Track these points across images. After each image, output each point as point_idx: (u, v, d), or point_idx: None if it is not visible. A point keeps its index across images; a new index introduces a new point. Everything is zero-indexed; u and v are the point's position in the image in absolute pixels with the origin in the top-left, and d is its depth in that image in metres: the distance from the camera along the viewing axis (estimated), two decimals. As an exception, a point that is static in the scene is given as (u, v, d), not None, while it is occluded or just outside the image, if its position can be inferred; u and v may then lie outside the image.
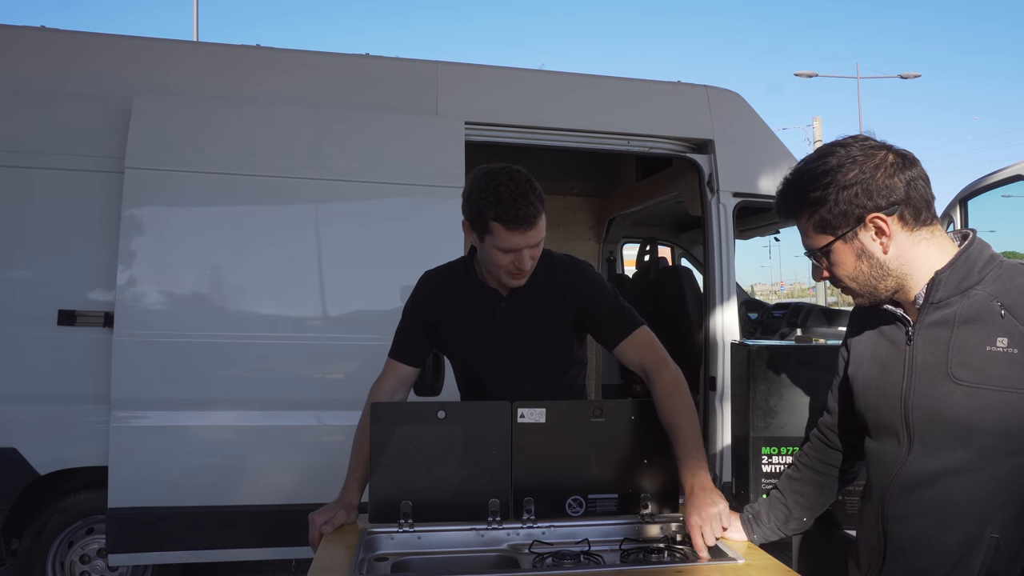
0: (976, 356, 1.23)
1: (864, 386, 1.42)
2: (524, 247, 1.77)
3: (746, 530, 1.67)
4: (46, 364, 2.94)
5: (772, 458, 2.00)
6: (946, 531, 1.26)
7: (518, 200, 1.72)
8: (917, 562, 1.30)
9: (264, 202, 3.12)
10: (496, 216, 1.73)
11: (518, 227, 1.73)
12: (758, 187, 3.77)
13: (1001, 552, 1.22)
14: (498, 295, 1.93)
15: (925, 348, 1.29)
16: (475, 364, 2.01)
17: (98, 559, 3.16)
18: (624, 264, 6.17)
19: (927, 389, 1.28)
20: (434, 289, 2.00)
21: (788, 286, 49.66)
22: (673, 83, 3.89)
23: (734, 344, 2.03)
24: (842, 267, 1.33)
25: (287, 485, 3.04)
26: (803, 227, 1.35)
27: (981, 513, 1.23)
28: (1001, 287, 1.24)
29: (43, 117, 3.00)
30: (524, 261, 1.79)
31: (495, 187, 1.73)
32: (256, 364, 3.05)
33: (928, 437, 1.28)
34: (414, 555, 1.67)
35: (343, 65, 3.46)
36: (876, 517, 1.36)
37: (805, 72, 22.62)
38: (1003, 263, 1.28)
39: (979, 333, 1.23)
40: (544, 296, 1.93)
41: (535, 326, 1.93)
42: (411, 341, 2.01)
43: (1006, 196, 3.94)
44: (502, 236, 1.75)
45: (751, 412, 2.00)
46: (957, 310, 1.26)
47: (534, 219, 1.75)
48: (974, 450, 1.23)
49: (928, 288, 1.29)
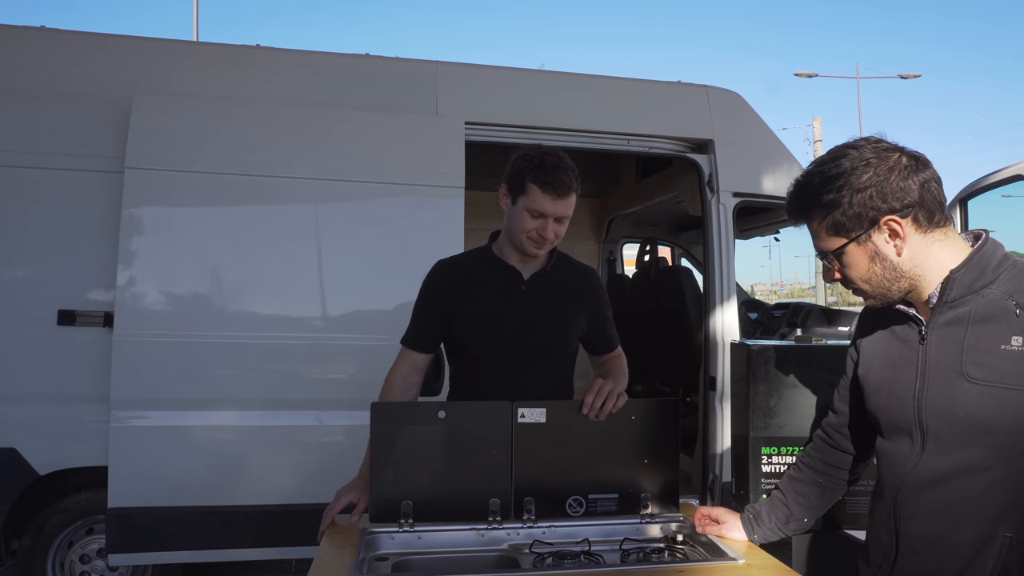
0: (991, 355, 1.22)
1: (876, 386, 1.42)
2: (552, 215, 1.92)
3: (747, 530, 1.68)
4: (46, 364, 2.94)
5: (772, 458, 2.00)
6: (959, 530, 1.26)
7: (557, 168, 1.90)
8: (929, 561, 1.30)
9: (264, 202, 3.12)
10: (535, 178, 1.89)
11: (552, 190, 1.89)
12: (758, 187, 3.77)
13: (1014, 551, 1.22)
14: (520, 277, 2.03)
15: (939, 347, 1.29)
16: (488, 346, 2.03)
17: (98, 559, 3.16)
18: (624, 264, 6.16)
19: (941, 388, 1.27)
20: (448, 275, 2.08)
21: (788, 286, 49.72)
22: (673, 83, 3.89)
23: (734, 344, 2.03)
24: (855, 269, 1.32)
25: (287, 485, 3.04)
26: (815, 230, 1.35)
27: (995, 512, 1.23)
28: (1016, 286, 1.24)
29: (43, 117, 3.00)
30: (548, 230, 1.93)
31: (540, 155, 1.93)
32: (256, 364, 3.05)
33: (942, 436, 1.28)
34: (414, 555, 1.67)
35: (343, 65, 3.46)
36: (888, 516, 1.36)
37: (805, 72, 22.62)
38: (1017, 263, 1.28)
39: (994, 332, 1.23)
40: (566, 284, 2.09)
41: (553, 308, 2.04)
42: (425, 328, 2.08)
43: (1006, 196, 3.94)
44: (535, 197, 1.90)
45: (751, 412, 2.00)
46: (971, 309, 1.26)
47: (568, 189, 1.91)
48: (988, 449, 1.23)
49: (942, 287, 1.28)
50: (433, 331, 2.07)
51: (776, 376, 2.01)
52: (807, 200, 1.34)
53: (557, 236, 1.97)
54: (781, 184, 3.83)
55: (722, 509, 1.76)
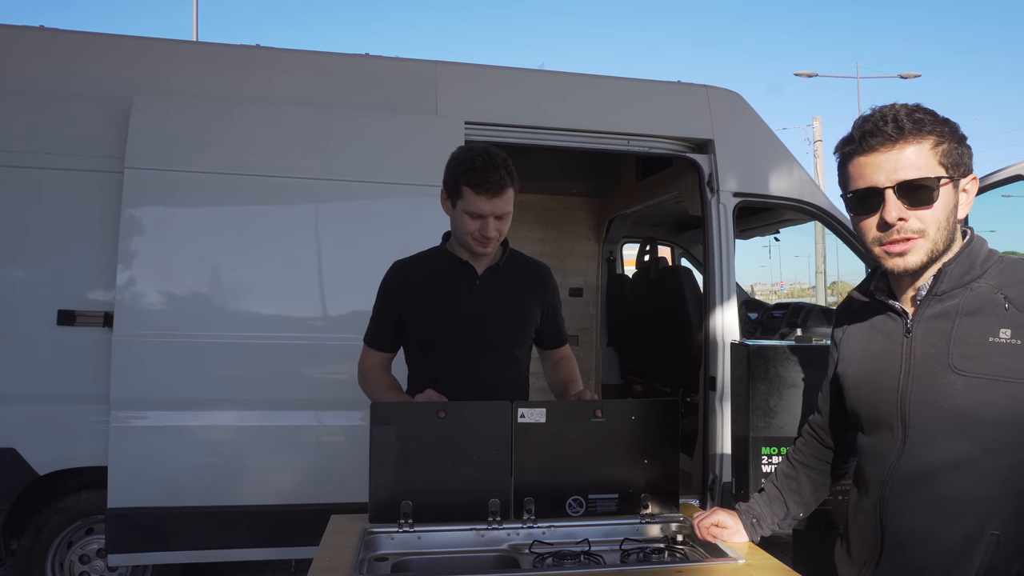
0: (978, 347, 1.22)
1: (856, 381, 1.40)
2: (490, 214, 1.95)
3: (750, 534, 1.66)
4: (46, 364, 2.94)
5: (772, 458, 2.00)
6: (946, 527, 1.25)
7: (488, 169, 1.92)
8: (916, 558, 1.29)
9: (264, 202, 3.12)
10: (467, 181, 1.93)
11: (485, 191, 1.92)
12: (758, 187, 3.77)
13: (1001, 549, 1.21)
14: (474, 272, 2.07)
15: (925, 340, 1.28)
16: (444, 340, 2.07)
17: (98, 559, 3.16)
18: (624, 264, 6.16)
19: (927, 381, 1.27)
20: (402, 274, 2.14)
21: (788, 286, 49.72)
22: (673, 83, 3.89)
23: (734, 344, 2.04)
24: (939, 211, 1.23)
25: (287, 485, 3.04)
26: (918, 154, 1.22)
27: (982, 509, 1.22)
28: (1004, 280, 1.24)
29: (43, 117, 3.00)
30: (489, 229, 1.97)
31: (470, 157, 1.95)
32: (256, 364, 3.05)
33: (927, 429, 1.27)
34: (414, 555, 1.67)
35: (343, 65, 3.45)
36: (874, 511, 1.35)
37: (805, 72, 22.60)
38: (1003, 258, 1.28)
39: (982, 324, 1.22)
40: (519, 278, 2.14)
41: (508, 301, 2.09)
42: (382, 328, 2.16)
43: (1006, 196, 3.94)
44: (471, 200, 1.93)
45: (751, 412, 2.01)
46: (960, 302, 1.25)
47: (501, 188, 1.94)
48: (974, 442, 1.22)
49: (934, 279, 1.28)
50: (390, 330, 2.14)
51: (776, 376, 2.01)
52: (930, 121, 1.22)
53: (500, 233, 2.01)
54: (781, 184, 3.83)
55: (721, 514, 1.72)
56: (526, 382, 2.20)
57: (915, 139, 1.22)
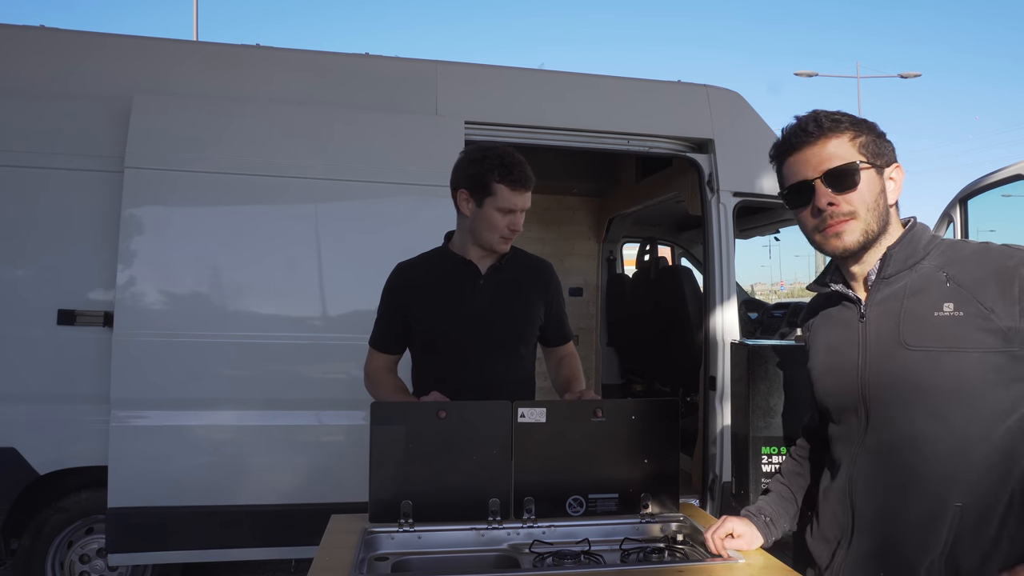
0: (925, 322, 1.29)
1: (821, 373, 1.47)
2: (521, 208, 2.01)
3: (766, 536, 1.63)
4: (46, 364, 2.94)
5: (772, 458, 2.00)
6: (911, 502, 1.29)
7: (519, 165, 1.99)
8: (886, 534, 1.33)
9: (264, 202, 3.12)
10: (502, 177, 1.97)
11: (521, 187, 1.98)
12: (758, 187, 3.77)
13: (966, 520, 1.25)
14: (477, 271, 2.08)
15: (878, 322, 1.35)
16: (450, 340, 2.07)
17: (98, 559, 3.16)
18: (624, 264, 6.16)
19: (883, 360, 1.33)
20: (406, 276, 2.14)
21: (788, 286, 49.67)
22: (673, 83, 3.89)
23: (734, 344, 2.04)
24: (865, 194, 1.33)
25: (287, 485, 3.04)
26: (839, 145, 1.34)
27: (943, 482, 1.26)
28: (946, 260, 1.32)
29: (43, 117, 3.00)
30: (518, 222, 2.03)
31: (497, 154, 1.99)
32: (256, 364, 3.05)
33: (887, 407, 1.32)
34: (414, 555, 1.67)
35: (343, 65, 3.45)
36: (844, 492, 1.40)
37: (805, 72, 22.59)
38: (944, 241, 1.38)
39: (927, 300, 1.30)
40: (523, 276, 2.15)
41: (513, 298, 2.10)
42: (387, 330, 2.16)
43: (1006, 196, 3.94)
44: (505, 196, 1.98)
45: (751, 412, 2.01)
46: (907, 283, 1.33)
47: (531, 181, 2.02)
48: (929, 416, 1.27)
49: (880, 263, 1.36)
50: (395, 332, 2.15)
51: (776, 376, 2.01)
52: (842, 119, 1.36)
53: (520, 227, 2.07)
54: (781, 184, 3.83)
55: (732, 522, 1.64)
56: (532, 379, 2.21)
57: (834, 135, 1.35)
